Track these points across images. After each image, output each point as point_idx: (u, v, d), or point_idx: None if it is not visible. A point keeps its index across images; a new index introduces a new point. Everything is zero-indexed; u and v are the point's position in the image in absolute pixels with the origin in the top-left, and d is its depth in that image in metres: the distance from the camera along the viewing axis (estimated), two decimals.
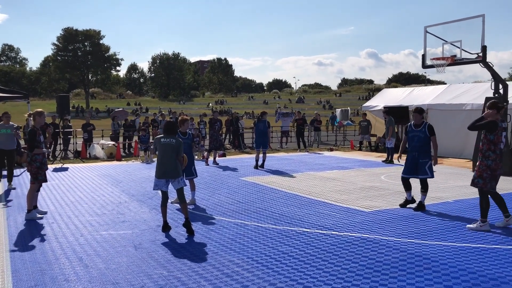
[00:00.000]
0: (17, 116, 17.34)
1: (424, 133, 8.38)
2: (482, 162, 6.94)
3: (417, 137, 8.44)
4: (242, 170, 14.20)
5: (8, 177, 11.39)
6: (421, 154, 8.36)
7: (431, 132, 8.38)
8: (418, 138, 8.42)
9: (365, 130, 20.35)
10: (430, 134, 8.36)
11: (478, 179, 6.96)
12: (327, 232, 6.98)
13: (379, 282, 4.94)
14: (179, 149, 6.99)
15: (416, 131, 8.48)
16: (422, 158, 8.35)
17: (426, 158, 8.35)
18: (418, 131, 8.46)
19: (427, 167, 8.32)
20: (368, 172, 13.56)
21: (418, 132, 8.45)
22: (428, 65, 14.81)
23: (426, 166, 8.33)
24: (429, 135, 8.36)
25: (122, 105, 73.65)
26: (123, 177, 12.89)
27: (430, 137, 8.37)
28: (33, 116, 8.15)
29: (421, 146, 8.37)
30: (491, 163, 6.84)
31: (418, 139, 8.42)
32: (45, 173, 8.23)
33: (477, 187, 7.02)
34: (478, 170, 6.99)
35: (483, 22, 13.15)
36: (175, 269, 5.41)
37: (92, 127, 20.37)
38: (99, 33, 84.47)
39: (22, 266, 5.56)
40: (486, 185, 6.90)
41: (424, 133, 8.38)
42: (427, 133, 8.36)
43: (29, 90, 77.41)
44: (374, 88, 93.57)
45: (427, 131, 8.37)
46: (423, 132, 8.39)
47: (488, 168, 6.86)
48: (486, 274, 5.14)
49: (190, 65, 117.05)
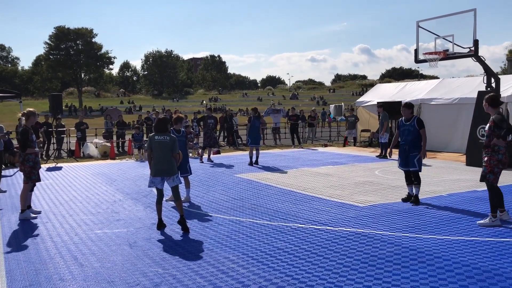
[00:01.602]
0: (9, 116, 17.27)
1: (414, 126, 8.52)
2: (492, 157, 6.79)
3: (407, 131, 8.59)
4: (237, 167, 14.20)
5: None
6: (411, 147, 8.50)
7: (420, 125, 8.52)
8: (408, 132, 8.57)
9: (352, 125, 20.54)
10: (419, 127, 8.49)
11: (490, 174, 6.81)
12: (322, 227, 7.00)
13: (374, 276, 4.96)
14: (173, 146, 6.98)
15: (406, 125, 8.64)
16: (412, 151, 8.50)
17: (415, 152, 8.48)
18: (408, 125, 8.61)
19: (416, 160, 8.47)
20: (362, 167, 13.60)
21: (408, 126, 8.60)
22: (420, 59, 14.85)
23: (415, 159, 8.47)
24: (418, 128, 8.49)
25: (115, 103, 73.41)
26: (117, 176, 12.85)
27: (419, 131, 8.48)
28: (26, 116, 8.08)
29: (411, 140, 8.50)
30: (502, 157, 6.78)
31: (408, 132, 8.57)
32: (39, 173, 8.18)
33: (488, 182, 6.88)
34: (488, 165, 6.83)
35: (474, 17, 13.20)
36: (170, 267, 5.41)
37: (86, 126, 20.29)
38: (91, 32, 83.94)
39: (17, 266, 5.54)
40: (497, 180, 6.86)
41: (414, 127, 8.52)
42: (416, 127, 8.50)
43: (22, 90, 76.85)
44: (367, 84, 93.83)
45: (416, 125, 8.51)
46: (412, 126, 8.54)
47: (499, 162, 6.79)
48: (479, 266, 5.17)
49: (183, 62, 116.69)
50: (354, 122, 20.59)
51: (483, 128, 13.27)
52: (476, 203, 8.44)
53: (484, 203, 8.39)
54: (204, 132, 16.22)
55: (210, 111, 17.44)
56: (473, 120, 13.72)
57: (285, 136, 24.22)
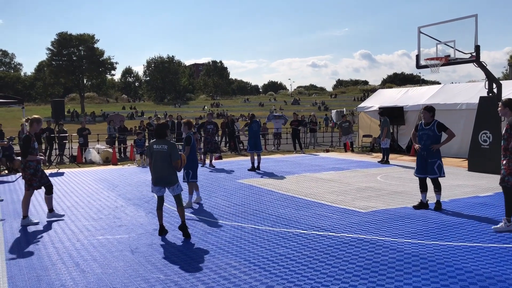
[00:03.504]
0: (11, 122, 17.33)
1: (434, 131, 8.27)
2: (511, 160, 6.66)
3: (426, 135, 8.35)
4: (239, 172, 14.19)
5: None
6: (429, 153, 8.28)
7: (441, 129, 8.26)
8: (427, 136, 8.33)
9: (346, 131, 20.73)
10: (440, 131, 8.25)
11: (509, 177, 6.68)
12: (324, 233, 6.98)
13: (376, 282, 4.94)
14: (171, 155, 6.90)
15: (425, 129, 8.39)
16: (430, 157, 8.27)
17: (434, 158, 8.26)
18: (427, 129, 8.36)
19: (435, 167, 8.24)
20: (364, 172, 13.58)
21: (427, 130, 8.35)
22: (422, 65, 14.87)
23: (434, 166, 8.24)
24: (438, 133, 8.26)
25: (118, 109, 73.56)
26: (119, 181, 12.85)
27: (438, 135, 8.25)
28: (30, 122, 7.99)
29: (429, 145, 8.27)
30: None
31: (427, 137, 8.32)
32: (40, 180, 8.03)
33: (508, 186, 6.73)
34: (507, 167, 6.70)
35: (476, 22, 13.23)
36: (172, 273, 5.40)
37: (88, 131, 20.33)
38: (93, 37, 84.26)
39: (18, 272, 5.53)
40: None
41: (433, 131, 8.27)
42: (436, 131, 8.26)
43: (24, 95, 77.21)
44: (369, 89, 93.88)
45: (436, 129, 8.27)
46: (432, 130, 8.29)
47: None
48: (482, 272, 5.15)
49: (185, 68, 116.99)
50: (348, 127, 20.76)
51: (485, 134, 13.26)
52: (478, 209, 8.41)
53: (486, 209, 8.37)
54: (204, 138, 16.24)
55: (211, 116, 17.45)
56: (475, 125, 13.70)
57: (287, 142, 24.20)
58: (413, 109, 18.71)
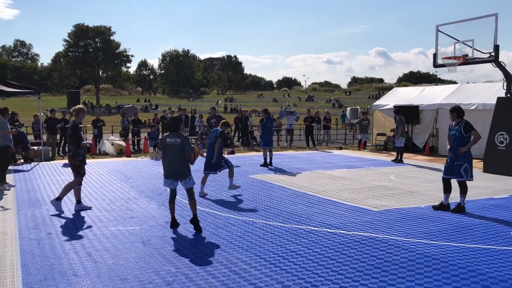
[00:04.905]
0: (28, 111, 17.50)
1: (460, 132, 8.10)
2: None
3: (453, 136, 8.22)
4: (251, 167, 14.20)
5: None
6: (457, 155, 8.11)
7: (467, 130, 8.07)
8: (454, 137, 8.19)
9: (365, 129, 20.58)
10: (466, 132, 8.07)
11: None
12: (336, 231, 6.96)
13: (387, 282, 4.91)
14: (185, 148, 6.92)
15: (454, 130, 8.24)
16: (457, 160, 8.12)
17: (461, 161, 8.09)
18: (455, 129, 8.21)
19: (462, 170, 8.08)
20: (377, 171, 13.49)
21: (455, 131, 8.21)
22: (439, 64, 14.71)
23: (461, 169, 8.08)
24: (465, 134, 8.08)
25: (132, 101, 74.05)
26: (132, 173, 12.95)
27: (466, 137, 8.08)
28: (76, 112, 8.33)
29: (456, 146, 8.12)
30: None
31: (454, 138, 8.19)
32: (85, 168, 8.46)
33: None
34: None
35: (495, 21, 13.03)
36: (183, 266, 5.43)
37: (102, 123, 20.49)
38: (110, 30, 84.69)
39: (32, 260, 5.61)
40: None
41: (460, 132, 8.10)
42: (463, 132, 8.08)
43: (40, 86, 77.96)
44: (384, 87, 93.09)
45: (463, 130, 8.08)
46: (459, 131, 8.13)
47: None
48: (496, 275, 5.08)
49: (199, 62, 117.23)
50: (367, 125, 20.59)
51: (501, 135, 13.07)
52: (493, 211, 8.31)
53: (501, 211, 8.26)
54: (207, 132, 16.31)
55: (214, 110, 17.39)
56: (492, 126, 13.50)
57: (300, 138, 24.14)
58: (428, 108, 18.51)
